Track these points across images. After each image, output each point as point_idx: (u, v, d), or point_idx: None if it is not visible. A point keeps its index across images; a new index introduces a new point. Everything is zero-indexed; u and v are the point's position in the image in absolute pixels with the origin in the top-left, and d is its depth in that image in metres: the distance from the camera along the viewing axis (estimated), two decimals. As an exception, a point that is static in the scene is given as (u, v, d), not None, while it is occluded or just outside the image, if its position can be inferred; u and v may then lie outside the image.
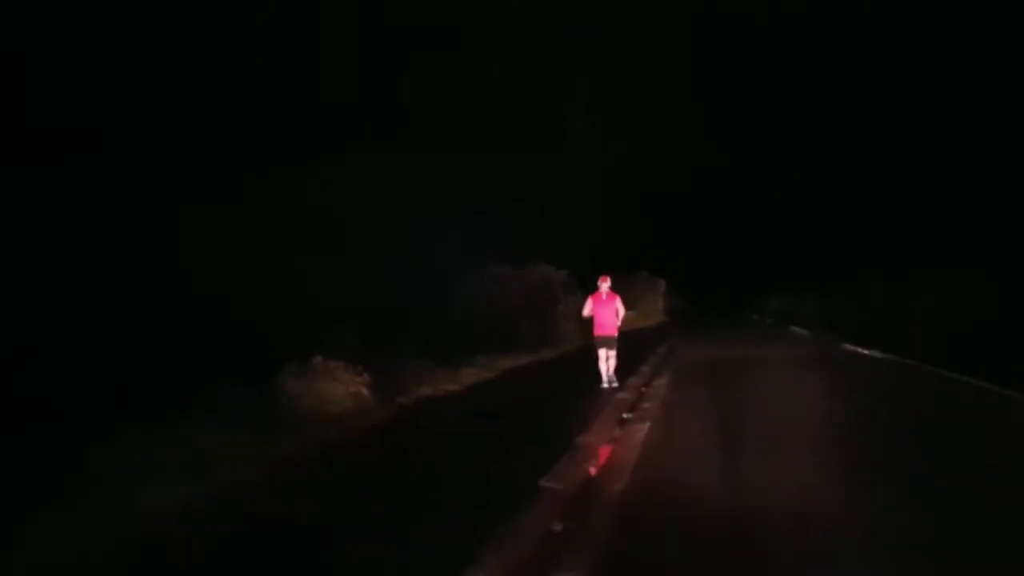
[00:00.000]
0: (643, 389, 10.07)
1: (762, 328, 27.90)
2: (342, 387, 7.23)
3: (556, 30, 31.81)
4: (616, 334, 10.06)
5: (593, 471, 5.34)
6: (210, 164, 13.55)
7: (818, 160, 36.74)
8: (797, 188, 41.18)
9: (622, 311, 10.22)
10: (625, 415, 7.79)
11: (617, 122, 36.79)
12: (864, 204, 35.02)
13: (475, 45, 24.99)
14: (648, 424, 7.15)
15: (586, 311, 10.24)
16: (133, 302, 9.92)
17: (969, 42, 24.63)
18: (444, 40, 24.28)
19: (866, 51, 30.88)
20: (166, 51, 13.32)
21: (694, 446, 6.15)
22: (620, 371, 10.49)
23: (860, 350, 15.02)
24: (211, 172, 13.35)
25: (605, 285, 10.14)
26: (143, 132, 12.77)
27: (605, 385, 9.91)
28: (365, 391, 7.46)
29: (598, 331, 10.06)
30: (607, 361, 10.02)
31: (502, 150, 25.39)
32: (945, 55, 25.70)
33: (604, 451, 6.10)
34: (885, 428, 6.80)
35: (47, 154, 10.31)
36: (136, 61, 12.65)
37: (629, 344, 12.37)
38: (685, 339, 21.69)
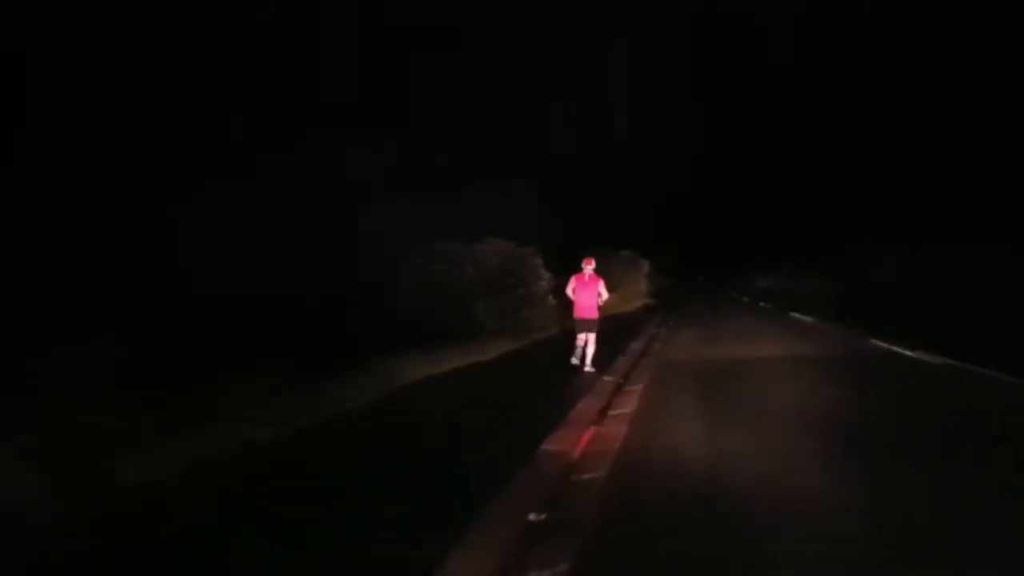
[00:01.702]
0: (594, 429, 6.24)
1: (758, 314, 24.05)
2: None
3: (556, 30, 30.29)
4: (596, 316, 9.85)
5: None
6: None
7: (812, 138, 35.44)
8: (789, 164, 39.60)
9: (604, 295, 9.92)
10: (533, 516, 3.92)
11: (613, 113, 35.98)
12: (860, 178, 32.51)
13: (474, 42, 25.23)
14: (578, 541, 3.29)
15: (569, 291, 10.09)
16: None
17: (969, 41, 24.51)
18: (444, 38, 24.13)
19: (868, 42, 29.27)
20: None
21: None
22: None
23: (900, 350, 11.19)
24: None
25: (589, 267, 9.87)
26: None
27: (575, 361, 9.79)
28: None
29: (577, 313, 9.88)
30: (586, 346, 9.77)
31: (497, 129, 25.60)
32: (946, 53, 25.69)
33: None
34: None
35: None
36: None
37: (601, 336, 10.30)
38: (669, 329, 17.89)
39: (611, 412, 7.05)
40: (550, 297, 20.55)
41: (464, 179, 21.70)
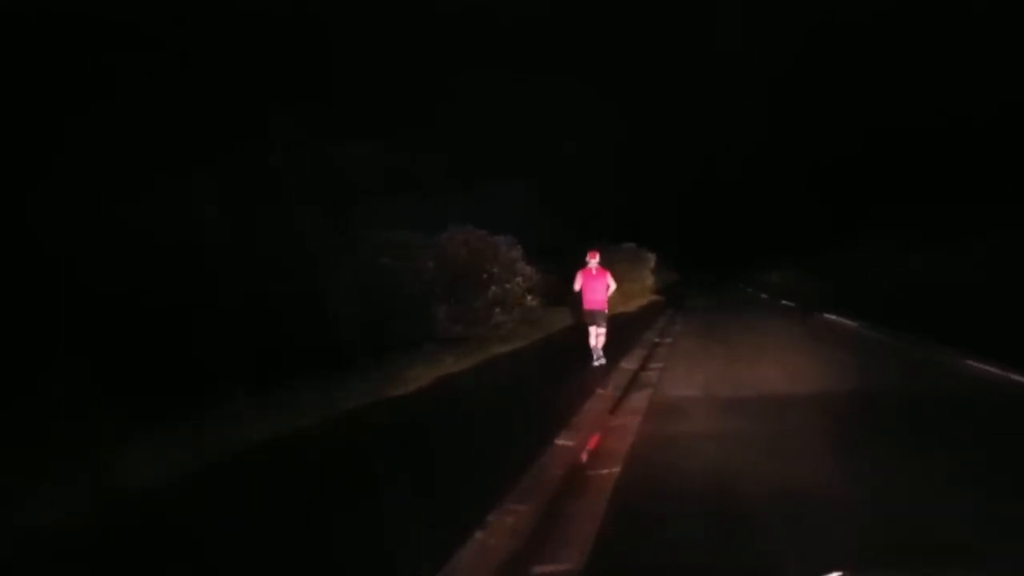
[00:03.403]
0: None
1: (783, 315, 20.02)
2: None
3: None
4: (606, 309, 9.73)
5: None
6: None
7: (826, 128, 32.44)
8: (799, 154, 36.75)
9: (612, 285, 9.84)
10: None
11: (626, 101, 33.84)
12: (874, 167, 29.21)
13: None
14: None
15: (576, 286, 9.85)
16: None
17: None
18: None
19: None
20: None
21: None
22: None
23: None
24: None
25: (594, 261, 9.78)
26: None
27: (596, 363, 9.50)
28: None
29: (587, 305, 9.72)
30: (597, 338, 9.66)
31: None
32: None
33: None
34: None
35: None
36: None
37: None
38: (675, 338, 14.14)
39: (535, 569, 3.32)
40: (529, 297, 16.91)
41: (455, 179, 19.93)
